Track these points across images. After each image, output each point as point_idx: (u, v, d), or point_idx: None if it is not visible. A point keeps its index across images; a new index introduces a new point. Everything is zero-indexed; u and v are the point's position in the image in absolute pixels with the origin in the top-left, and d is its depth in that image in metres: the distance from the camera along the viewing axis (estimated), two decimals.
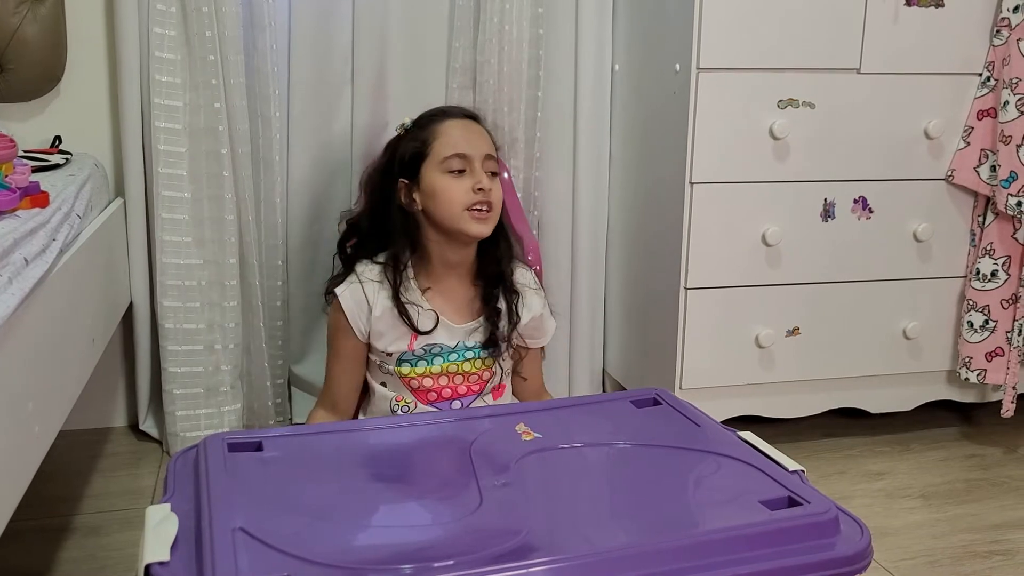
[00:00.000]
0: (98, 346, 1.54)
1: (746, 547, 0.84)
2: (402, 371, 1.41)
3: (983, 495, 1.72)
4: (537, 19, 1.86)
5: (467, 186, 1.38)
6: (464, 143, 1.40)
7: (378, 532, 0.89)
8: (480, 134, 1.44)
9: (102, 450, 1.86)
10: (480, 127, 1.46)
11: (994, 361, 1.84)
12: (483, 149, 1.41)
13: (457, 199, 1.38)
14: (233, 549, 0.81)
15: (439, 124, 1.43)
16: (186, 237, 1.76)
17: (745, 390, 1.81)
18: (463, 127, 1.43)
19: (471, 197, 1.38)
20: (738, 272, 1.74)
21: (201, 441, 1.03)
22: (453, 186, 1.39)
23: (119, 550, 1.49)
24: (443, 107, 1.52)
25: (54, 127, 1.78)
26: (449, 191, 1.38)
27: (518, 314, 1.45)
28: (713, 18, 1.62)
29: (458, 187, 1.39)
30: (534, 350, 1.53)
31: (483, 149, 1.41)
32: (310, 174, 1.90)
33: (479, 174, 1.39)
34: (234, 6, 1.70)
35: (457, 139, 1.41)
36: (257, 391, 1.90)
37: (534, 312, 1.47)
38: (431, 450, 1.09)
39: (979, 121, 1.78)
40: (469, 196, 1.38)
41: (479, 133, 1.44)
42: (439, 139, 1.41)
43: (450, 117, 1.45)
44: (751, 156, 1.70)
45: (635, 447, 1.05)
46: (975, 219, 1.84)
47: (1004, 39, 1.74)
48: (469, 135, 1.42)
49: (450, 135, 1.41)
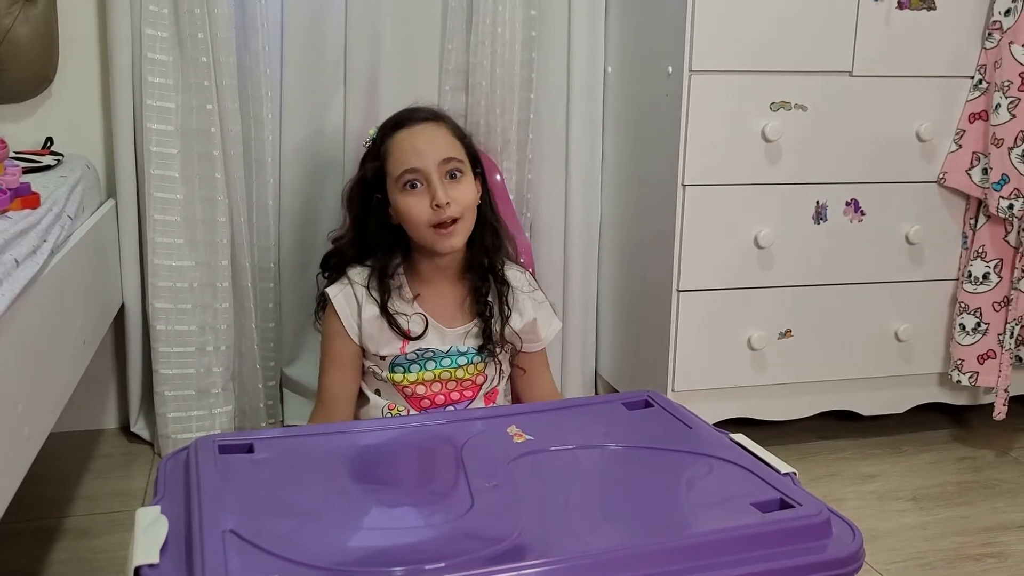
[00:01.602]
0: (89, 347, 1.54)
1: (738, 549, 0.84)
2: (395, 378, 1.39)
3: (975, 497, 1.72)
4: (530, 21, 1.86)
5: (426, 203, 1.33)
6: (413, 156, 1.34)
7: (369, 534, 0.89)
8: (433, 138, 1.37)
9: (93, 452, 1.86)
10: (436, 127, 1.39)
11: (986, 364, 1.85)
12: (437, 155, 1.35)
13: (419, 218, 1.34)
14: (223, 551, 0.80)
15: (391, 138, 1.38)
16: (178, 239, 1.75)
17: (737, 392, 1.81)
18: (412, 136, 1.37)
19: (431, 215, 1.33)
20: (730, 274, 1.74)
21: (192, 443, 1.03)
22: (412, 204, 1.34)
23: (109, 552, 1.48)
24: (401, 113, 1.44)
25: (46, 128, 1.77)
26: (409, 211, 1.34)
27: (509, 308, 1.42)
28: (705, 21, 1.62)
29: (417, 205, 1.34)
30: (535, 354, 1.49)
31: (437, 155, 1.35)
32: (302, 176, 1.89)
33: (435, 187, 1.33)
34: (226, 8, 1.70)
35: (406, 153, 1.35)
36: (249, 393, 1.89)
37: (526, 317, 1.44)
38: (422, 452, 1.08)
39: (971, 124, 1.79)
40: (428, 214, 1.33)
41: (432, 137, 1.37)
42: (391, 155, 1.37)
43: (402, 127, 1.39)
44: (743, 158, 1.70)
45: (627, 449, 1.05)
46: (967, 222, 1.85)
47: (996, 42, 1.75)
48: (418, 144, 1.35)
49: (400, 149, 1.36)
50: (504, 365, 1.46)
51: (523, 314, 1.44)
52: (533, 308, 1.45)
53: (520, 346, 1.45)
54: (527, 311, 1.44)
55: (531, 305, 1.45)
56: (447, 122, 1.42)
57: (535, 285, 1.50)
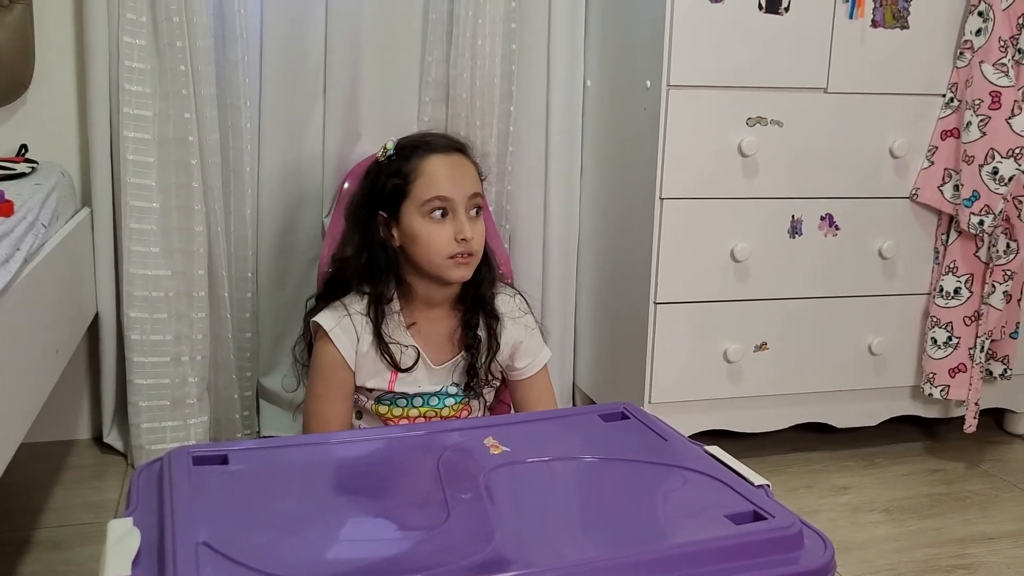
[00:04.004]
0: (62, 357, 1.52)
1: (711, 561, 0.84)
2: (380, 409, 1.38)
3: (946, 509, 1.74)
4: (510, 34, 1.87)
5: (449, 234, 1.30)
6: (448, 185, 1.30)
7: (344, 546, 0.89)
8: (466, 170, 1.34)
9: (65, 463, 1.84)
10: (466, 161, 1.36)
11: (957, 377, 1.87)
12: (467, 189, 1.31)
13: (439, 248, 1.30)
14: (196, 564, 0.80)
15: (422, 160, 1.32)
16: (154, 248, 1.74)
17: (713, 404, 1.82)
18: (448, 165, 1.32)
19: (453, 247, 1.30)
20: (707, 287, 1.76)
21: (166, 454, 1.02)
22: (435, 232, 1.30)
23: (80, 564, 1.46)
24: (428, 136, 1.40)
25: (20, 135, 1.76)
26: (431, 238, 1.30)
27: (498, 343, 1.39)
28: (683, 36, 1.64)
29: (440, 234, 1.30)
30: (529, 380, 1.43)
31: (467, 189, 1.31)
32: (281, 186, 1.89)
33: (462, 221, 1.30)
34: (205, 17, 1.69)
35: (441, 181, 1.30)
36: (224, 403, 1.88)
37: (512, 342, 1.40)
38: (399, 463, 1.08)
39: (943, 141, 1.82)
40: (451, 246, 1.30)
41: (464, 169, 1.34)
42: (421, 178, 1.31)
43: (435, 152, 1.33)
44: (720, 172, 1.71)
45: (603, 461, 1.05)
46: (939, 237, 1.88)
47: (967, 61, 1.78)
48: (453, 174, 1.32)
49: (433, 175, 1.31)
50: (488, 398, 1.44)
51: (509, 342, 1.41)
52: (520, 332, 1.42)
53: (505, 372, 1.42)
54: (513, 336, 1.41)
55: (517, 330, 1.42)
56: (471, 156, 1.38)
57: (526, 309, 1.45)
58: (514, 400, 1.47)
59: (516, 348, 1.42)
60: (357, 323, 1.34)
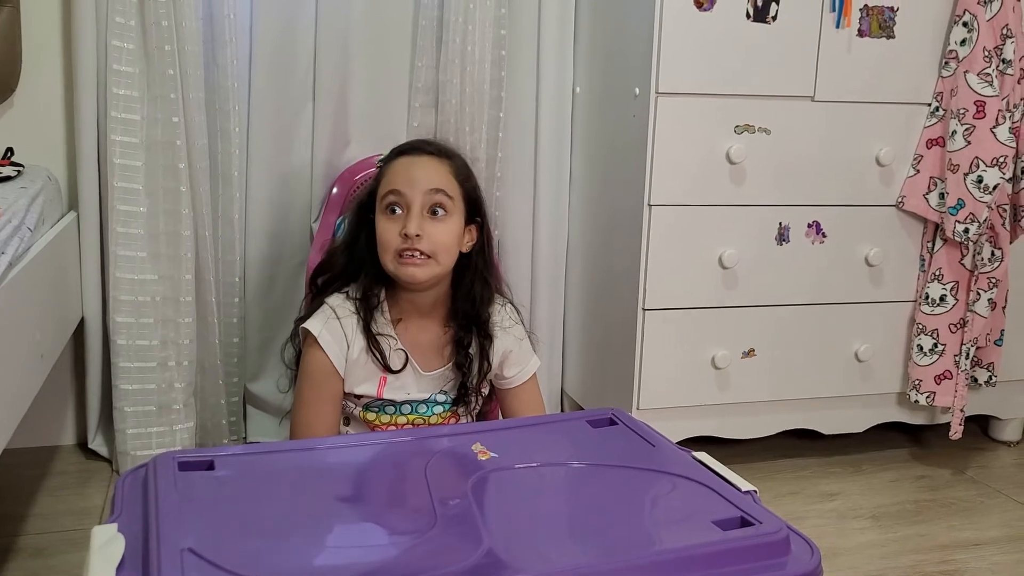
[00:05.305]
0: (47, 362, 1.51)
1: (698, 566, 0.84)
2: (368, 416, 1.38)
3: (932, 516, 1.75)
4: (500, 40, 1.88)
5: (398, 229, 1.29)
6: (403, 180, 1.30)
7: (331, 552, 0.88)
8: (428, 169, 1.33)
9: (49, 469, 1.82)
10: (437, 162, 1.34)
11: (943, 384, 1.88)
12: (425, 184, 1.30)
13: (387, 244, 1.30)
14: (181, 570, 0.79)
15: (392, 162, 1.35)
16: (141, 252, 1.73)
17: (701, 411, 1.82)
18: (410, 163, 1.33)
19: (399, 243, 1.29)
20: (695, 294, 1.76)
21: (151, 460, 1.01)
22: (386, 228, 1.30)
23: (64, 571, 1.45)
24: (413, 141, 1.43)
25: (6, 139, 1.75)
26: (382, 235, 1.31)
27: (489, 363, 1.38)
28: (672, 44, 1.65)
29: (390, 230, 1.30)
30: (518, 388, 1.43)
31: (425, 184, 1.30)
32: (269, 190, 1.88)
33: (411, 217, 1.29)
34: (194, 21, 1.69)
35: (397, 176, 1.31)
36: (211, 409, 1.87)
37: (501, 352, 1.39)
38: (386, 469, 1.08)
39: (928, 150, 1.83)
40: (397, 241, 1.29)
41: (427, 168, 1.33)
42: (384, 177, 1.34)
43: (404, 154, 1.36)
44: (708, 179, 1.72)
45: (590, 467, 1.05)
46: (924, 245, 1.89)
47: (952, 71, 1.79)
48: (411, 171, 1.32)
49: (393, 172, 1.33)
50: (475, 406, 1.44)
51: (498, 351, 1.40)
52: (510, 342, 1.41)
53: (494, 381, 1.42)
54: (503, 345, 1.40)
55: (507, 340, 1.41)
56: (454, 161, 1.37)
57: (516, 319, 1.44)
58: (503, 408, 1.47)
59: (506, 357, 1.41)
60: (347, 327, 1.34)
